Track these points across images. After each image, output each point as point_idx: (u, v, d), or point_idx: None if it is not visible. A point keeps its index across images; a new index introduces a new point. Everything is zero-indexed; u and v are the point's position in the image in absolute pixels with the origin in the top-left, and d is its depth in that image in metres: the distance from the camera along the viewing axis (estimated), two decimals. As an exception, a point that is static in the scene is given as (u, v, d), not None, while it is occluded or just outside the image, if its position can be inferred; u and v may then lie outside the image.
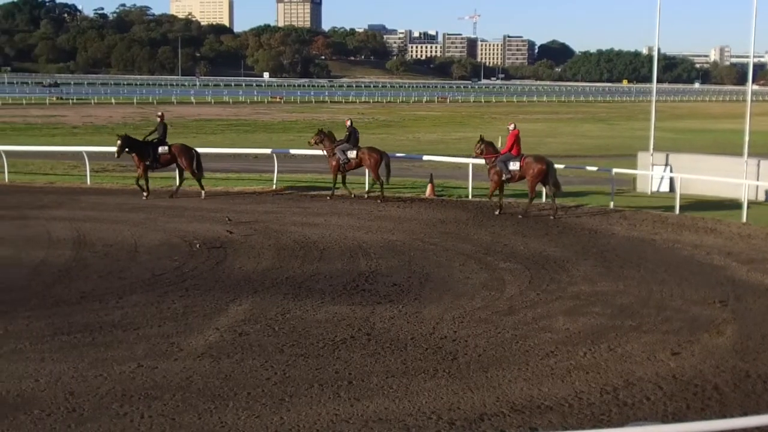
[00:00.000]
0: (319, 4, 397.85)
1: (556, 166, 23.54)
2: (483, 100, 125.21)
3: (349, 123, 25.61)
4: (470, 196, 25.14)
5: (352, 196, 25.05)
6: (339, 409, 9.37)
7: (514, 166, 22.59)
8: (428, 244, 18.59)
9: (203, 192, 24.87)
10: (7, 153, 29.05)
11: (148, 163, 24.44)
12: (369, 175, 25.49)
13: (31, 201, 23.60)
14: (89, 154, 28.71)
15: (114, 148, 24.46)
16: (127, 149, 24.26)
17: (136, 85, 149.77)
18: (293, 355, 11.08)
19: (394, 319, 12.83)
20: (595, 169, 28.03)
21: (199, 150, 25.80)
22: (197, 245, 17.81)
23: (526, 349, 11.56)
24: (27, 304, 13.28)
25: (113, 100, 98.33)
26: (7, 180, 27.96)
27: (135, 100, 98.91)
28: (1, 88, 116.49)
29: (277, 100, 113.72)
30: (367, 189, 25.67)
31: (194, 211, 22.32)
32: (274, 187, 26.69)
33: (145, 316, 12.70)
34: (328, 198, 24.79)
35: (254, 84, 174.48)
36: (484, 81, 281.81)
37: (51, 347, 11.25)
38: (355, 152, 24.80)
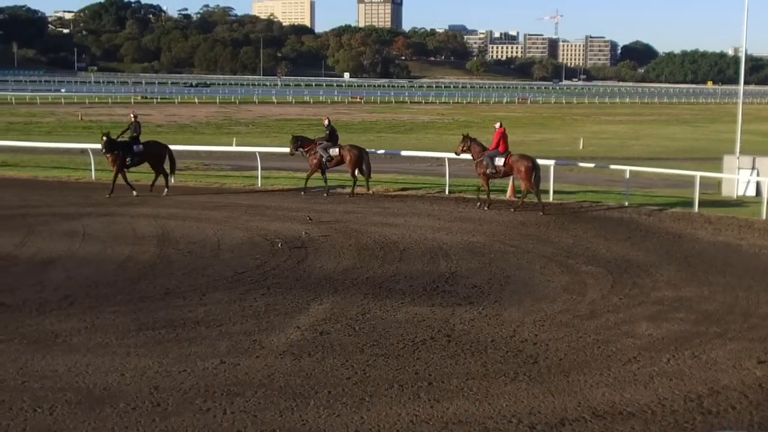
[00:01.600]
0: (400, 4, 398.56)
1: (640, 169, 23.34)
2: (564, 102, 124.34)
3: (326, 122, 26.43)
4: (551, 198, 24.88)
5: (302, 194, 25.47)
6: (419, 410, 9.38)
7: (499, 162, 23.70)
8: (508, 246, 18.49)
9: (166, 189, 25.44)
10: (94, 151, 29.65)
11: (128, 162, 25.04)
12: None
13: (116, 198, 24.07)
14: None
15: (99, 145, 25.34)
16: (105, 149, 24.71)
17: (218, 84, 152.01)
18: (373, 355, 11.12)
19: (474, 321, 12.79)
20: (679, 172, 27.54)
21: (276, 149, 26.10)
22: (279, 244, 17.97)
23: (608, 354, 11.42)
24: (113, 300, 13.56)
25: (196, 100, 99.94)
26: (93, 177, 28.59)
27: (217, 100, 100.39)
28: (88, 87, 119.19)
29: (358, 100, 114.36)
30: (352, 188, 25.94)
31: (276, 210, 22.54)
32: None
33: (228, 314, 12.86)
34: (325, 195, 25.39)
35: (335, 84, 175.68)
36: (565, 82, 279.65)
37: (136, 342, 11.47)
38: (336, 150, 25.73)
